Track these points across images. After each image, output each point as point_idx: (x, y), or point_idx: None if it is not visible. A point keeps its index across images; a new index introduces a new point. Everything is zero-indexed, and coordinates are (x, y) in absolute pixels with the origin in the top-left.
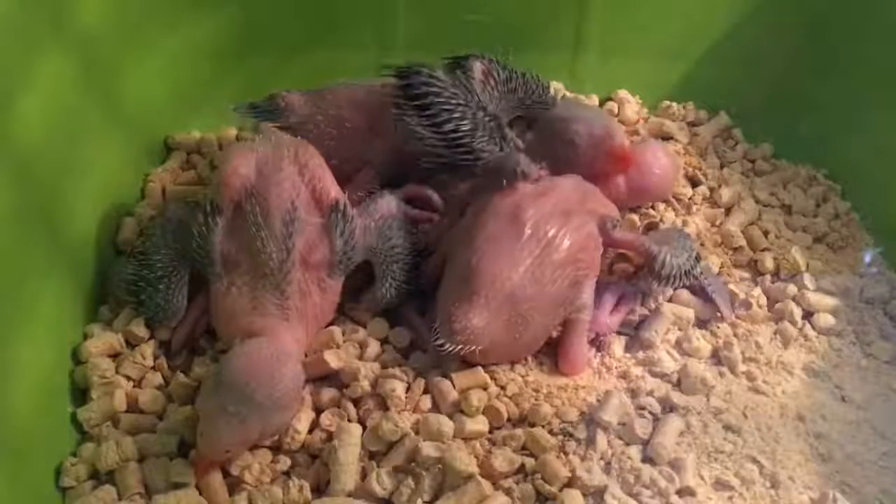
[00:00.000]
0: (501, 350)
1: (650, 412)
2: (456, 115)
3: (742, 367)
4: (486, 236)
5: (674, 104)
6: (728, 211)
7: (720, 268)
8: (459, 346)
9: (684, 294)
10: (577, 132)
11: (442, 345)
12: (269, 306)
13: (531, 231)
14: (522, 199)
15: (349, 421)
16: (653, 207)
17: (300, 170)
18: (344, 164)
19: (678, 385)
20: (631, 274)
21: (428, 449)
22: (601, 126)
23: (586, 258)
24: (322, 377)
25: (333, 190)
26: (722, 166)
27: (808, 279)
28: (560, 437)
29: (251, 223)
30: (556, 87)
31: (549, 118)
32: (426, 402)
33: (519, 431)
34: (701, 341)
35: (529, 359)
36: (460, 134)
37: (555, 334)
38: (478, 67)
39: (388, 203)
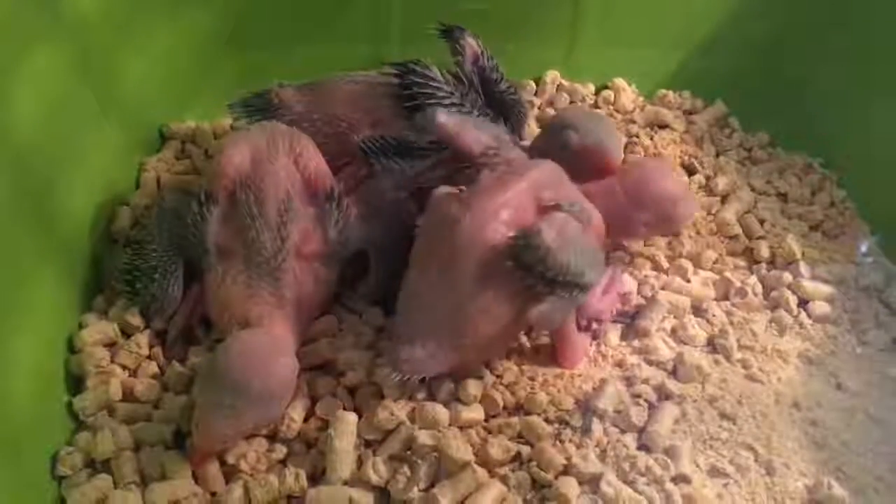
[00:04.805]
0: (461, 367)
1: (646, 400)
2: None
3: (737, 355)
4: (419, 262)
5: (670, 92)
6: (724, 199)
7: (716, 256)
8: (406, 377)
9: (678, 281)
10: (569, 137)
11: (389, 373)
12: (264, 295)
13: (465, 250)
14: (458, 209)
15: (345, 409)
16: None
17: (295, 159)
18: (334, 160)
19: (673, 373)
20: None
21: (424, 437)
22: (594, 139)
23: None
24: (318, 366)
25: (328, 179)
26: (718, 155)
27: (803, 267)
28: (556, 425)
29: (246, 212)
30: (553, 75)
31: (555, 123)
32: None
33: (515, 420)
34: (696, 329)
35: (526, 347)
36: None
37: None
38: (469, 49)
39: (382, 192)
